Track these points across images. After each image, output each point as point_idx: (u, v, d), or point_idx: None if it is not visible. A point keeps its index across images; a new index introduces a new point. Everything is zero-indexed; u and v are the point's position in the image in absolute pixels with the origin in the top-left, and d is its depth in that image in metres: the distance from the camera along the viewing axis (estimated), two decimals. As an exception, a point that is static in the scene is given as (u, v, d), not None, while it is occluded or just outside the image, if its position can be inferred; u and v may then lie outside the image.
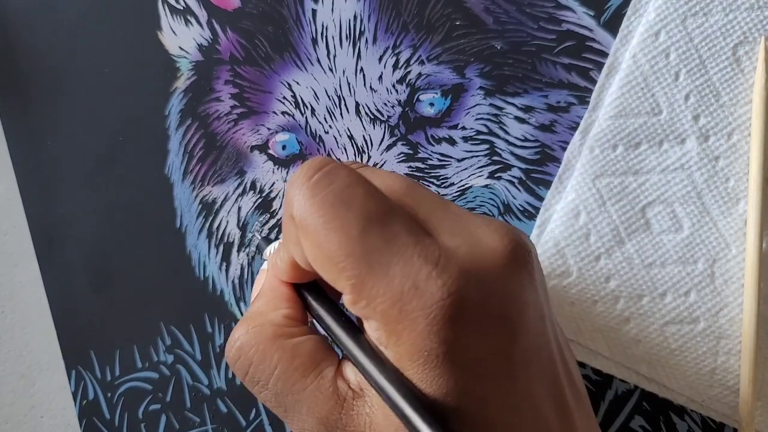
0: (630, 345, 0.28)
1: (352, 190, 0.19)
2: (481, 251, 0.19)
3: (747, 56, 0.28)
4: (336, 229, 0.18)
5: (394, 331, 0.18)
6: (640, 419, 0.29)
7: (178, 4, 0.33)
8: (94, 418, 0.34)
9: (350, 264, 0.18)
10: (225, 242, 0.33)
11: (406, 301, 0.17)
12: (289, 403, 0.20)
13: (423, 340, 0.17)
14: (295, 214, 0.19)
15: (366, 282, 0.18)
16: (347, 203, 0.18)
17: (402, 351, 0.18)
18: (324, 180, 0.19)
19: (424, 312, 0.17)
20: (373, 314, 0.18)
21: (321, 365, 0.20)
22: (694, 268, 0.28)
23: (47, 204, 0.34)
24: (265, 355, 0.20)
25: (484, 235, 0.19)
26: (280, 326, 0.21)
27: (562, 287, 0.28)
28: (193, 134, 0.33)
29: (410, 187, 0.21)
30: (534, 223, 0.29)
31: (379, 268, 0.18)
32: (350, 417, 0.19)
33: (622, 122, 0.28)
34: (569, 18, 0.30)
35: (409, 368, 0.18)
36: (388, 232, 0.18)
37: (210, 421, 0.33)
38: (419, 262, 0.18)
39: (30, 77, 0.35)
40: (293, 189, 0.19)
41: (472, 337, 0.18)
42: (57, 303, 0.34)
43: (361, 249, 0.18)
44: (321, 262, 0.19)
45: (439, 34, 0.31)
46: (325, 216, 0.18)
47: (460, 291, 0.17)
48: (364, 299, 0.18)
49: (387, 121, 0.31)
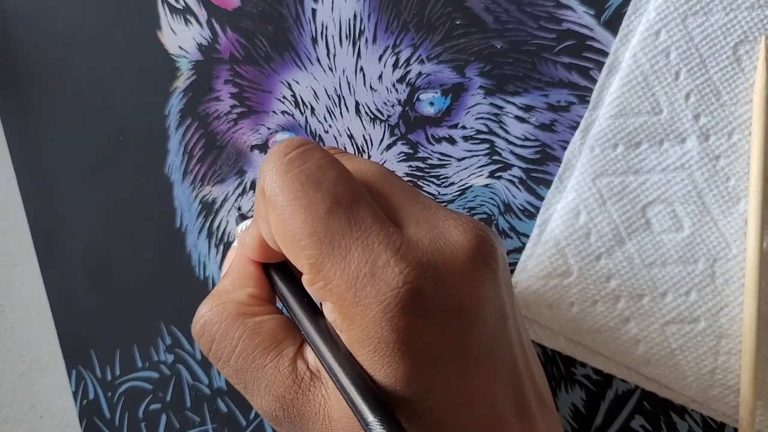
0: (630, 345, 0.28)
1: (323, 172, 0.19)
2: (444, 244, 0.19)
3: (747, 55, 0.28)
4: (303, 207, 0.18)
5: (347, 315, 0.18)
6: (641, 419, 0.29)
7: (178, 4, 0.33)
8: (94, 417, 0.34)
9: (311, 243, 0.18)
10: (225, 242, 0.33)
11: (361, 286, 0.17)
12: (249, 380, 0.20)
13: (374, 327, 0.17)
14: (266, 188, 0.19)
15: (324, 263, 0.18)
16: (317, 183, 0.19)
17: (354, 336, 0.18)
18: (298, 159, 0.19)
19: (378, 298, 0.17)
20: (329, 296, 0.18)
21: (282, 345, 0.20)
22: (695, 268, 0.28)
23: (47, 203, 0.34)
24: (227, 332, 0.20)
25: (450, 229, 0.19)
26: (244, 305, 0.21)
27: (563, 287, 0.28)
28: (193, 134, 0.33)
29: (383, 174, 0.21)
30: (534, 223, 0.29)
31: (339, 250, 0.18)
32: (306, 397, 0.19)
33: (623, 121, 0.28)
34: (569, 17, 0.30)
35: (360, 354, 0.18)
36: (354, 216, 0.18)
37: (210, 421, 0.33)
38: (379, 249, 0.18)
39: (30, 77, 0.35)
40: (268, 164, 0.19)
41: (425, 327, 0.18)
42: (57, 303, 0.34)
43: (324, 229, 0.18)
44: (284, 239, 0.19)
45: (439, 33, 0.30)
46: (294, 193, 0.18)
47: (417, 281, 0.17)
48: (321, 280, 0.18)
49: (387, 121, 0.31)
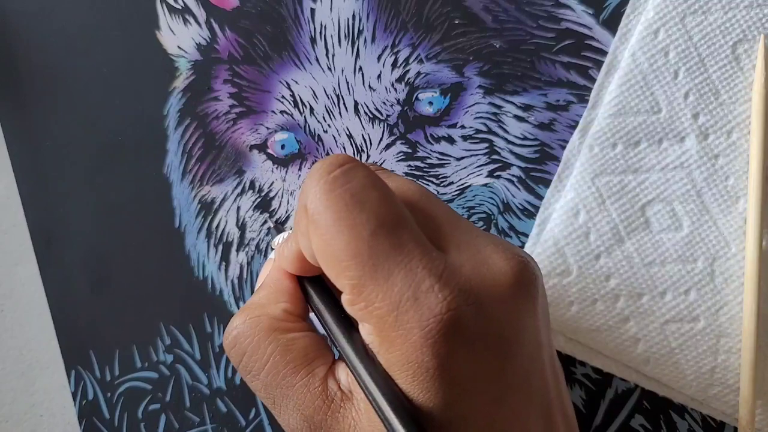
0: (630, 343, 0.28)
1: (368, 192, 0.19)
2: (486, 271, 0.19)
3: (746, 54, 0.28)
4: (347, 228, 0.18)
5: (387, 338, 0.18)
6: (641, 418, 0.29)
7: (177, 4, 0.33)
8: (93, 418, 0.34)
9: (354, 264, 0.18)
10: (224, 242, 0.33)
11: (404, 310, 0.17)
12: (278, 396, 0.20)
13: (415, 352, 0.17)
14: (309, 206, 0.19)
15: (366, 284, 0.18)
16: (361, 204, 0.18)
17: (393, 359, 0.18)
18: (342, 177, 0.19)
19: (420, 324, 0.17)
20: (369, 318, 0.18)
21: (313, 363, 0.20)
22: (694, 267, 0.28)
23: (46, 203, 0.34)
24: (259, 346, 0.20)
25: (492, 255, 0.19)
26: (278, 320, 0.21)
27: (562, 286, 0.28)
28: (192, 134, 0.33)
29: (425, 195, 0.21)
30: (533, 222, 0.29)
31: (382, 273, 0.18)
32: (335, 419, 0.19)
33: (622, 121, 0.28)
34: (568, 16, 0.30)
35: (398, 377, 0.18)
36: (397, 238, 0.18)
37: (210, 421, 0.33)
38: (423, 274, 0.18)
39: (29, 77, 0.35)
40: (311, 181, 0.19)
41: (465, 354, 0.18)
42: (56, 303, 0.34)
43: (368, 251, 0.18)
44: (326, 258, 0.19)
45: (437, 32, 0.30)
46: (338, 213, 0.18)
47: (459, 308, 0.17)
48: (362, 301, 0.18)
49: (386, 120, 0.31)
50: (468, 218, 0.30)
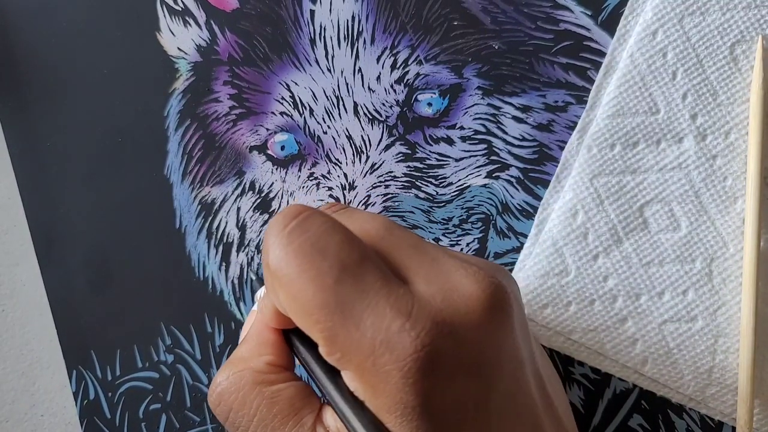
0: (628, 344, 0.28)
1: (327, 238, 0.18)
2: (457, 299, 0.18)
3: (744, 55, 0.28)
4: (310, 279, 0.18)
5: (369, 383, 0.18)
6: (639, 418, 0.29)
7: (177, 5, 0.33)
8: (95, 417, 0.34)
9: (323, 316, 0.18)
10: (224, 242, 0.33)
11: (379, 354, 0.17)
12: None
13: (398, 393, 0.17)
14: (271, 263, 0.19)
15: (339, 334, 0.18)
16: (322, 252, 0.18)
17: (379, 404, 0.18)
18: (299, 228, 0.19)
19: (398, 365, 0.17)
20: (348, 366, 0.18)
21: (301, 412, 0.20)
22: (692, 267, 0.28)
23: (47, 203, 0.34)
24: (245, 401, 0.20)
25: (462, 280, 0.19)
26: (262, 373, 0.21)
27: (561, 286, 0.28)
28: (192, 135, 0.33)
29: (387, 230, 0.20)
30: (532, 223, 0.29)
31: (352, 320, 0.18)
32: None
33: (620, 121, 0.28)
34: (567, 17, 0.30)
35: (387, 420, 0.18)
36: (361, 281, 0.18)
37: (210, 421, 0.33)
38: (391, 314, 0.17)
39: (30, 77, 0.35)
40: (269, 238, 0.19)
41: (447, 387, 0.17)
42: (57, 303, 0.34)
43: (334, 300, 0.18)
44: (296, 313, 0.19)
45: (436, 34, 0.31)
46: (300, 266, 0.18)
47: (434, 343, 0.17)
48: (338, 351, 0.18)
49: (385, 121, 0.31)
50: (467, 219, 0.30)
